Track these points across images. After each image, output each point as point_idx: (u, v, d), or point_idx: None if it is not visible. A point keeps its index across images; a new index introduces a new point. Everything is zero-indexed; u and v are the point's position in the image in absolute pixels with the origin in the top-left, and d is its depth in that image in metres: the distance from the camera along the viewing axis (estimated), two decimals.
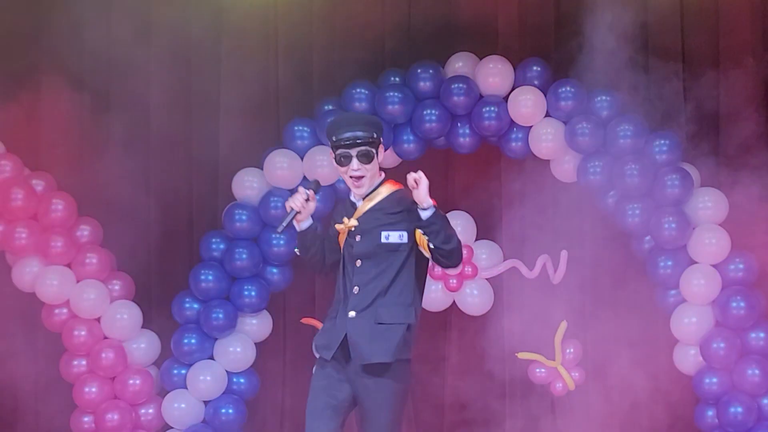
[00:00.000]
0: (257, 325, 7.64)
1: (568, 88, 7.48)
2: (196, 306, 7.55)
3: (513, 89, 7.58)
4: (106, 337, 7.52)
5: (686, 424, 7.60)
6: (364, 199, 5.55)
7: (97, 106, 7.82)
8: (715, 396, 7.32)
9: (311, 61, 7.88)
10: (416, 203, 5.41)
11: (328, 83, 7.80)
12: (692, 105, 7.71)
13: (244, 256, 7.49)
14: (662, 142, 7.43)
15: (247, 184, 7.60)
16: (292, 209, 5.46)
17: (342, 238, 5.57)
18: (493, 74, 7.57)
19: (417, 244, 5.49)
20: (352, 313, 5.45)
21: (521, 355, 7.73)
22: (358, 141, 5.45)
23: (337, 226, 5.56)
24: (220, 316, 7.46)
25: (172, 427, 7.56)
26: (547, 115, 7.56)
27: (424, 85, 7.57)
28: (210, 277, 7.50)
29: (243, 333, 7.59)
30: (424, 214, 5.38)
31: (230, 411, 7.49)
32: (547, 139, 7.54)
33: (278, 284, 7.66)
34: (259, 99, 7.82)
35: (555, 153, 7.59)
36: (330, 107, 7.60)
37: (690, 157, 7.52)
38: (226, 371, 7.54)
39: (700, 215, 7.38)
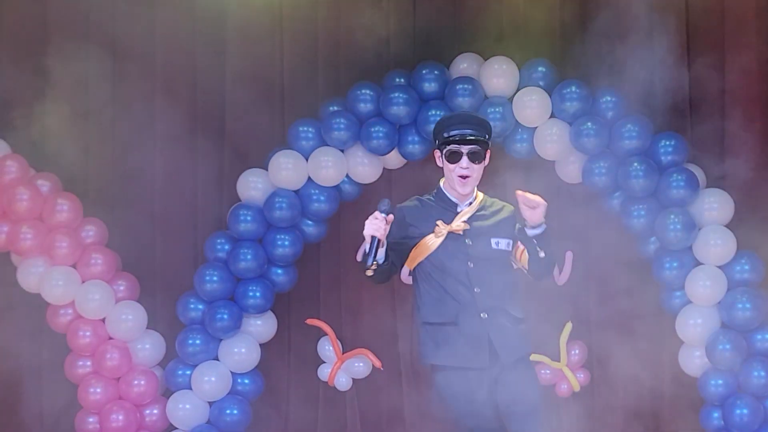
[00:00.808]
0: (262, 326, 7.63)
1: (573, 89, 7.46)
2: (200, 307, 7.55)
3: (518, 90, 7.57)
4: (111, 338, 7.52)
5: (692, 425, 7.57)
6: (469, 203, 5.55)
7: (102, 108, 7.83)
8: (720, 398, 7.30)
9: (316, 62, 7.88)
10: (521, 219, 5.44)
11: (333, 84, 7.81)
12: (698, 105, 7.70)
13: (249, 256, 7.49)
14: (667, 142, 7.42)
15: (252, 185, 7.60)
16: (375, 238, 5.26)
17: (433, 242, 5.48)
18: (498, 75, 7.56)
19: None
20: (483, 315, 5.44)
21: None
22: (470, 138, 5.44)
23: (437, 231, 5.47)
24: (225, 316, 7.46)
25: (176, 428, 7.56)
26: (552, 115, 7.55)
27: (429, 86, 7.56)
28: (215, 278, 7.50)
29: (247, 334, 7.59)
30: (533, 232, 5.41)
31: (235, 412, 7.49)
32: (552, 139, 7.53)
33: (283, 285, 7.66)
34: (264, 99, 7.83)
35: (560, 154, 7.57)
36: (335, 108, 7.60)
37: (695, 158, 7.51)
38: (231, 372, 7.54)
39: (705, 216, 7.36)
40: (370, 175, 7.62)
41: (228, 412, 7.49)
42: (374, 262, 5.28)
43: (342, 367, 7.76)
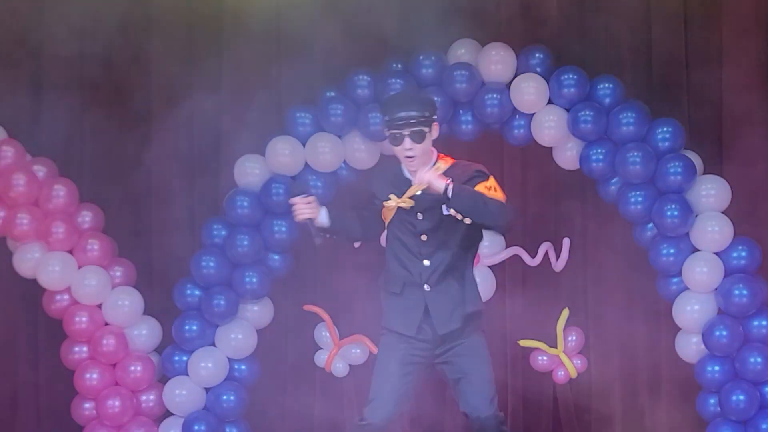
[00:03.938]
0: (258, 312, 7.63)
1: (571, 75, 7.45)
2: (197, 293, 7.54)
3: (515, 76, 7.56)
4: (107, 324, 7.51)
5: (688, 412, 7.58)
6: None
7: (98, 95, 7.82)
8: (717, 384, 7.31)
9: (313, 48, 7.86)
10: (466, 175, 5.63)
11: (330, 70, 7.78)
12: (695, 92, 7.71)
13: (246, 242, 7.47)
14: (665, 129, 7.41)
15: (249, 171, 7.58)
16: (308, 219, 5.60)
17: (389, 214, 5.65)
18: (496, 61, 7.55)
19: None
20: (427, 287, 5.61)
21: (523, 343, 7.72)
22: (410, 121, 5.53)
23: (387, 204, 5.64)
24: (222, 302, 7.45)
25: (173, 414, 7.55)
26: (550, 102, 7.54)
27: (427, 72, 7.54)
28: (211, 264, 7.48)
29: (244, 320, 7.58)
30: (445, 206, 5.55)
31: (231, 398, 7.48)
32: (549, 126, 7.52)
33: (280, 271, 7.65)
34: (260, 85, 7.81)
35: (557, 140, 7.57)
36: (332, 94, 7.59)
37: (692, 144, 7.51)
38: (228, 358, 7.53)
39: (702, 203, 7.36)
40: (367, 160, 7.61)
41: (224, 398, 7.48)
42: (323, 234, 5.66)
43: (339, 354, 7.76)
